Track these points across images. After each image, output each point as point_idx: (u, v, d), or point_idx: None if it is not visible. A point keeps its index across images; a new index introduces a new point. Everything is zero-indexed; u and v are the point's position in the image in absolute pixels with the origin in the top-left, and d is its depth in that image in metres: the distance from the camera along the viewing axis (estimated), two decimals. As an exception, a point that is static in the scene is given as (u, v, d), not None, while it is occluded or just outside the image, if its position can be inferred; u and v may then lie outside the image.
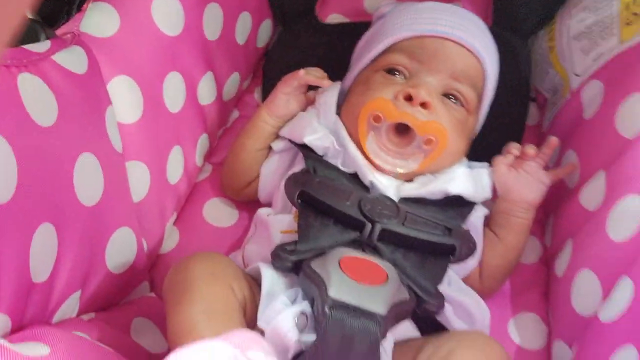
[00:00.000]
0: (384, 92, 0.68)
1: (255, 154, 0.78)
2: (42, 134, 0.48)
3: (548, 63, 0.90)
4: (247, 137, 0.79)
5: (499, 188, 0.74)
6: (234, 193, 0.82)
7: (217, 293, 0.54)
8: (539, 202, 0.74)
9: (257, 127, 0.78)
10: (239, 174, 0.79)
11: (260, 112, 0.79)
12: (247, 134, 0.80)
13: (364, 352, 0.49)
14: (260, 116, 0.79)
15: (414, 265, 0.63)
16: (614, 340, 0.56)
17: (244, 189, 0.80)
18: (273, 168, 0.77)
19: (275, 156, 0.78)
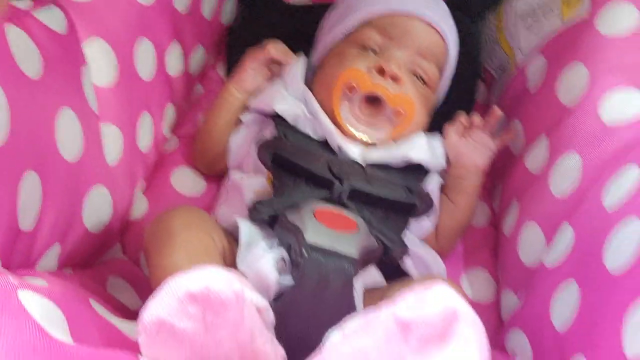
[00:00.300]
0: (358, 64, 0.73)
1: (224, 128, 0.81)
2: (28, 84, 0.49)
3: (496, 42, 0.97)
4: (216, 111, 0.82)
5: (450, 154, 0.80)
6: (205, 167, 0.84)
7: (199, 240, 0.57)
8: (487, 166, 0.80)
9: (225, 102, 0.81)
10: (210, 148, 0.82)
11: (227, 86, 0.82)
12: (215, 108, 0.82)
13: (339, 289, 0.54)
14: (227, 91, 0.81)
15: (379, 219, 0.68)
16: (558, 280, 0.63)
17: (214, 162, 0.82)
18: (241, 139, 0.80)
19: (243, 127, 0.80)
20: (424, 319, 0.40)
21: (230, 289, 0.41)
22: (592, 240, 0.60)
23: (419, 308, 0.41)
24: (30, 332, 0.29)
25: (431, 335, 0.40)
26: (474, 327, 0.41)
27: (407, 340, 0.40)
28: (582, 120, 0.71)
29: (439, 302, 0.41)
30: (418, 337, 0.40)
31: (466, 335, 0.40)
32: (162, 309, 0.40)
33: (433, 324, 0.40)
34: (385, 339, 0.42)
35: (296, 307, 0.53)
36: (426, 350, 0.40)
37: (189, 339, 0.40)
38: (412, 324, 0.40)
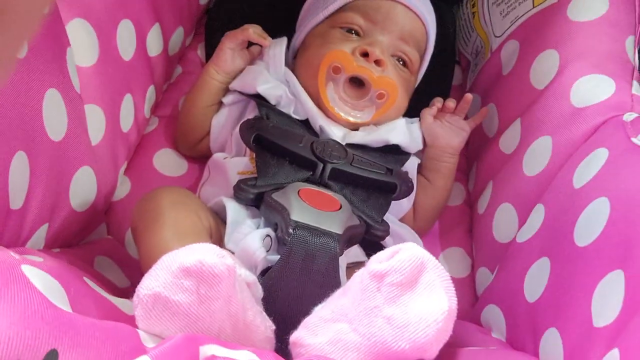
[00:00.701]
0: (343, 46, 0.74)
1: (205, 110, 0.82)
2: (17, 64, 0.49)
3: (471, 28, 0.99)
4: (197, 94, 0.82)
5: (426, 136, 0.82)
6: (187, 149, 0.85)
7: (186, 218, 0.58)
8: (461, 147, 0.84)
9: (206, 84, 0.81)
10: (191, 130, 0.82)
11: (207, 68, 0.82)
12: (196, 90, 0.82)
13: (325, 265, 0.55)
14: (208, 73, 0.82)
15: (361, 200, 0.70)
16: (530, 256, 0.66)
17: (196, 144, 0.83)
18: (223, 120, 0.81)
19: (225, 109, 0.81)
20: (394, 267, 0.44)
21: (223, 263, 0.42)
22: (562, 218, 0.63)
23: (390, 259, 0.45)
24: (37, 302, 0.30)
25: (401, 282, 0.44)
26: (441, 274, 0.45)
27: (379, 289, 0.44)
28: (554, 103, 0.74)
29: (408, 254, 0.45)
30: (389, 283, 0.44)
31: (434, 281, 0.44)
32: (157, 283, 0.41)
33: (403, 271, 0.44)
34: (361, 293, 0.45)
35: (283, 282, 0.55)
36: (398, 295, 0.44)
37: (184, 311, 0.41)
38: (385, 273, 0.44)
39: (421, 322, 0.42)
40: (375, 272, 0.44)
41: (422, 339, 0.41)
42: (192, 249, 0.43)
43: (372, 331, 0.43)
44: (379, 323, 0.43)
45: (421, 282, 0.43)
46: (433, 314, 0.42)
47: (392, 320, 0.43)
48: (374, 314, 0.44)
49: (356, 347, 0.44)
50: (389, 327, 0.43)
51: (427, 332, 0.42)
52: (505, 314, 0.68)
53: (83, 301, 0.39)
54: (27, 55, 0.51)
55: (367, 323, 0.44)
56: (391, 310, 0.43)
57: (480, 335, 0.69)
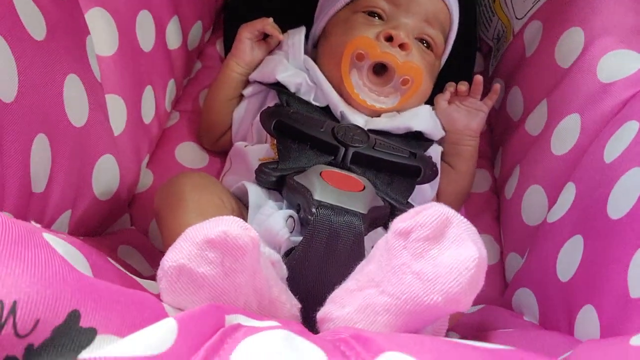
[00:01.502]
0: (366, 32, 0.73)
1: (227, 104, 0.82)
2: (35, 46, 0.49)
3: (492, 12, 0.98)
4: (218, 88, 0.82)
5: (444, 121, 0.81)
6: (210, 144, 0.85)
7: (208, 201, 0.58)
8: (480, 128, 0.82)
9: (227, 77, 0.82)
10: (214, 125, 0.83)
11: (227, 62, 0.82)
12: (217, 85, 0.83)
13: (349, 245, 0.54)
14: (228, 66, 0.82)
15: (385, 183, 0.68)
16: (562, 234, 0.64)
17: (219, 139, 0.83)
18: (243, 112, 0.81)
19: (245, 101, 0.81)
20: (419, 222, 0.42)
21: (247, 235, 0.41)
22: (594, 194, 0.61)
23: (416, 216, 0.43)
24: (58, 264, 0.30)
25: (428, 236, 0.42)
26: (467, 228, 0.43)
27: (406, 246, 0.43)
28: (580, 80, 0.72)
29: (432, 210, 0.43)
30: (415, 239, 0.42)
31: (460, 234, 0.42)
32: (182, 255, 0.40)
33: (429, 225, 0.42)
34: (387, 254, 0.44)
35: (307, 262, 0.54)
36: (425, 250, 0.42)
37: (209, 283, 0.41)
38: (410, 229, 0.43)
39: (452, 272, 0.40)
40: (400, 230, 0.43)
41: (455, 288, 0.40)
42: (217, 221, 0.42)
43: (402, 289, 0.42)
44: (408, 280, 0.42)
45: (448, 236, 0.42)
46: (464, 262, 0.40)
47: (422, 274, 0.41)
48: (402, 272, 0.42)
49: (386, 308, 0.42)
50: (419, 282, 0.41)
51: (460, 281, 0.40)
52: (538, 296, 0.66)
53: (106, 274, 0.39)
54: (46, 38, 0.51)
55: (396, 282, 0.42)
56: (419, 265, 0.41)
57: (511, 319, 0.67)
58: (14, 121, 0.45)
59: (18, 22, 0.47)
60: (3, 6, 0.46)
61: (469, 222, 0.44)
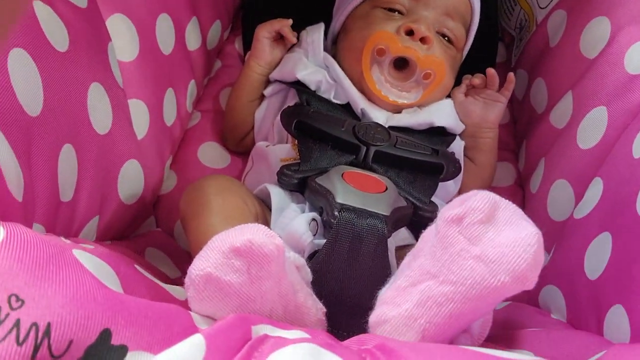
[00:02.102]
0: (386, 26, 0.72)
1: (249, 105, 0.82)
2: (58, 58, 0.50)
3: (514, 1, 0.96)
4: (239, 89, 0.83)
5: (460, 114, 0.80)
6: (233, 145, 0.85)
7: (233, 204, 0.58)
8: (499, 119, 0.81)
9: (248, 78, 0.82)
10: (236, 126, 0.83)
11: (248, 62, 0.83)
12: (239, 86, 0.83)
13: (373, 247, 0.54)
14: (249, 66, 0.82)
15: (407, 182, 0.68)
16: (590, 231, 0.63)
17: (242, 139, 0.84)
18: (263, 112, 0.81)
19: (265, 101, 0.81)
20: (471, 207, 0.42)
21: (272, 242, 0.42)
22: (623, 190, 0.60)
23: (464, 203, 0.43)
24: (89, 283, 0.31)
25: (482, 219, 0.42)
26: (516, 209, 0.43)
27: (461, 232, 0.42)
28: (607, 71, 0.71)
29: (480, 195, 0.43)
30: (470, 223, 0.42)
31: (511, 215, 0.42)
32: (209, 264, 0.41)
33: (482, 208, 0.42)
34: (440, 243, 0.43)
35: (331, 266, 0.54)
36: (482, 232, 0.42)
37: (236, 291, 0.41)
38: (463, 215, 0.42)
39: (515, 249, 0.39)
40: (451, 217, 0.42)
41: (522, 265, 0.39)
42: (242, 229, 0.42)
43: (465, 274, 0.41)
44: (469, 264, 0.41)
45: (499, 219, 0.41)
46: (525, 239, 0.40)
47: (484, 256, 0.40)
48: (461, 257, 0.41)
49: (449, 298, 0.41)
50: (483, 264, 0.40)
51: (525, 257, 0.39)
52: (565, 293, 0.65)
53: (135, 285, 0.39)
54: (69, 49, 0.52)
55: (457, 269, 0.41)
56: (479, 248, 0.41)
57: (539, 317, 0.67)
58: (41, 134, 0.46)
59: (41, 35, 0.48)
60: (27, 20, 0.46)
61: (515, 205, 0.44)
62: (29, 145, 0.44)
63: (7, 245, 0.29)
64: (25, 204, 0.42)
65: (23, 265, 0.28)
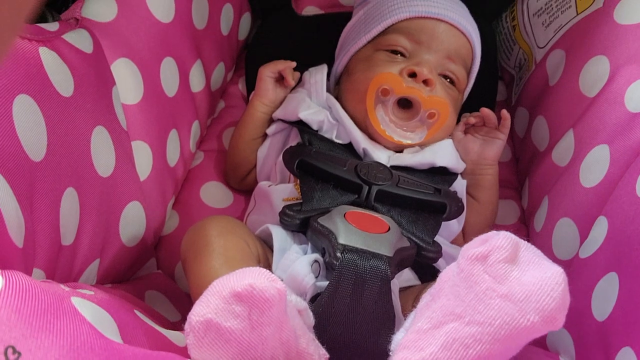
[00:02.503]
0: (389, 68, 0.73)
1: (251, 143, 0.83)
2: (63, 103, 0.51)
3: (512, 41, 0.97)
4: (243, 127, 0.84)
5: (460, 152, 0.80)
6: (236, 183, 0.86)
7: (234, 246, 0.58)
8: (498, 156, 0.81)
9: (251, 116, 0.83)
10: (239, 164, 0.84)
11: (251, 102, 0.84)
12: (242, 124, 0.84)
13: (376, 290, 0.53)
14: (252, 105, 0.83)
15: (410, 221, 0.67)
16: (595, 271, 0.62)
17: (244, 178, 0.84)
18: (266, 151, 0.81)
19: (268, 140, 0.82)
20: (495, 245, 0.42)
21: (273, 287, 0.41)
22: (628, 229, 0.59)
23: (488, 241, 0.42)
24: (86, 333, 0.30)
25: (507, 258, 0.41)
26: (536, 250, 0.43)
27: (486, 270, 0.41)
28: (607, 110, 0.71)
29: (502, 234, 0.42)
30: (495, 261, 0.41)
31: (533, 256, 0.41)
32: (209, 309, 0.40)
33: (506, 247, 0.41)
34: (464, 282, 0.42)
35: (334, 309, 0.53)
36: (508, 271, 0.41)
37: (236, 338, 0.40)
38: (487, 253, 0.41)
39: (543, 288, 0.39)
40: (475, 255, 0.42)
41: (551, 304, 0.38)
42: (243, 273, 0.42)
43: (493, 314, 0.40)
44: (497, 304, 0.40)
45: (522, 259, 0.41)
46: (551, 278, 0.39)
47: (511, 295, 0.39)
48: (488, 297, 0.40)
49: (477, 339, 0.40)
50: (511, 303, 0.39)
51: (554, 296, 0.39)
52: (573, 335, 0.64)
53: (134, 333, 0.39)
54: (74, 94, 0.53)
55: (484, 308, 0.40)
56: (506, 287, 0.40)
57: (547, 359, 0.65)
58: (44, 178, 0.46)
59: (47, 81, 0.49)
60: (33, 67, 0.47)
61: (533, 246, 0.44)
62: (31, 190, 0.44)
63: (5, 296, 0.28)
64: (25, 250, 0.42)
65: (20, 316, 0.28)
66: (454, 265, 0.45)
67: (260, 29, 1.03)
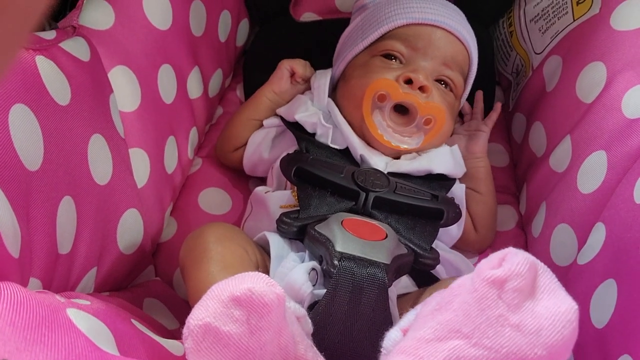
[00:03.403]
0: (386, 74, 0.73)
1: (247, 123, 0.84)
2: (60, 112, 0.51)
3: (509, 47, 0.97)
4: (246, 106, 0.86)
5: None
6: (222, 155, 0.87)
7: (233, 252, 0.58)
8: (483, 148, 0.84)
9: (257, 99, 0.85)
10: (230, 137, 0.85)
11: (263, 87, 0.85)
12: (246, 103, 0.86)
13: (374, 298, 0.53)
14: (262, 91, 0.85)
15: (407, 227, 0.67)
16: (594, 278, 0.62)
17: (231, 152, 0.85)
18: (259, 140, 0.82)
19: (263, 130, 0.82)
20: (514, 271, 0.40)
21: (272, 292, 0.41)
22: (626, 235, 0.59)
23: (505, 263, 0.41)
24: (81, 346, 0.30)
25: (522, 287, 0.40)
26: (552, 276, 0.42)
27: (500, 297, 0.40)
28: (605, 116, 0.71)
29: (521, 257, 0.41)
30: (512, 289, 0.40)
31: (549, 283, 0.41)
32: (208, 313, 0.40)
33: (523, 274, 0.40)
34: (477, 303, 0.41)
35: (331, 317, 0.53)
36: (521, 301, 0.40)
37: (234, 342, 0.40)
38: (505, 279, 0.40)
39: (555, 323, 0.39)
40: (493, 279, 0.41)
41: (559, 341, 0.38)
42: (242, 278, 0.42)
43: (501, 342, 0.40)
44: (507, 333, 0.40)
45: (539, 285, 0.41)
46: (564, 313, 0.39)
47: (522, 327, 0.39)
48: (499, 324, 0.40)
49: None
50: (521, 335, 0.39)
51: (563, 333, 0.38)
52: (571, 342, 0.64)
53: (130, 343, 0.39)
54: (71, 102, 0.53)
55: (493, 334, 0.40)
56: (518, 317, 0.40)
57: (545, 366, 0.65)
58: (40, 188, 0.46)
59: (43, 90, 0.49)
60: (29, 77, 0.47)
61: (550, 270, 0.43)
62: (27, 199, 0.44)
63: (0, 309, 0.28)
64: (22, 260, 0.42)
65: (15, 329, 0.28)
66: (468, 280, 0.44)
67: (259, 35, 1.03)
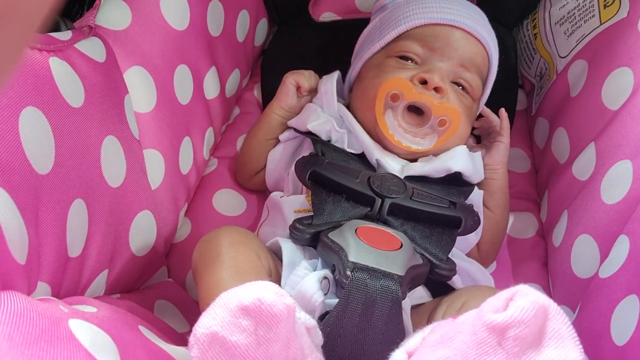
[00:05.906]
0: (400, 75, 0.72)
1: (264, 144, 0.83)
2: (72, 114, 0.50)
3: (533, 50, 0.95)
4: (258, 127, 0.84)
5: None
6: (243, 180, 0.86)
7: (245, 257, 0.57)
8: (503, 159, 0.80)
9: (267, 117, 0.83)
10: (249, 162, 0.84)
11: (270, 104, 0.84)
12: (258, 124, 0.85)
13: (387, 310, 0.52)
14: (270, 107, 0.83)
15: (424, 236, 0.66)
16: (615, 293, 0.60)
17: (253, 176, 0.84)
18: (278, 156, 0.81)
19: (280, 145, 0.81)
20: (516, 318, 0.38)
21: (282, 302, 0.40)
22: (650, 250, 0.57)
23: (509, 308, 0.39)
24: (82, 360, 0.29)
25: (525, 335, 0.38)
26: (565, 321, 0.40)
27: (500, 344, 0.38)
28: (631, 124, 0.69)
29: (528, 300, 0.39)
30: (513, 337, 0.38)
31: (559, 330, 0.38)
32: (215, 322, 0.39)
33: (527, 322, 0.38)
34: (475, 348, 0.39)
35: (342, 329, 0.52)
36: (522, 350, 0.38)
37: (241, 353, 0.39)
38: (506, 326, 0.38)
39: None
40: (494, 325, 0.39)
41: None
42: (251, 287, 0.41)
43: None
44: None
45: (546, 332, 0.38)
46: None
47: None
48: None
49: None
50: None
51: None
52: (591, 357, 0.62)
53: (135, 353, 0.38)
54: (84, 104, 0.52)
55: None
56: None
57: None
58: (50, 191, 0.46)
59: (56, 92, 0.48)
60: (42, 79, 0.47)
61: (564, 313, 0.40)
62: (37, 203, 0.44)
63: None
64: (29, 265, 0.41)
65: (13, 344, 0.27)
66: (472, 319, 0.41)
67: (277, 35, 1.02)
